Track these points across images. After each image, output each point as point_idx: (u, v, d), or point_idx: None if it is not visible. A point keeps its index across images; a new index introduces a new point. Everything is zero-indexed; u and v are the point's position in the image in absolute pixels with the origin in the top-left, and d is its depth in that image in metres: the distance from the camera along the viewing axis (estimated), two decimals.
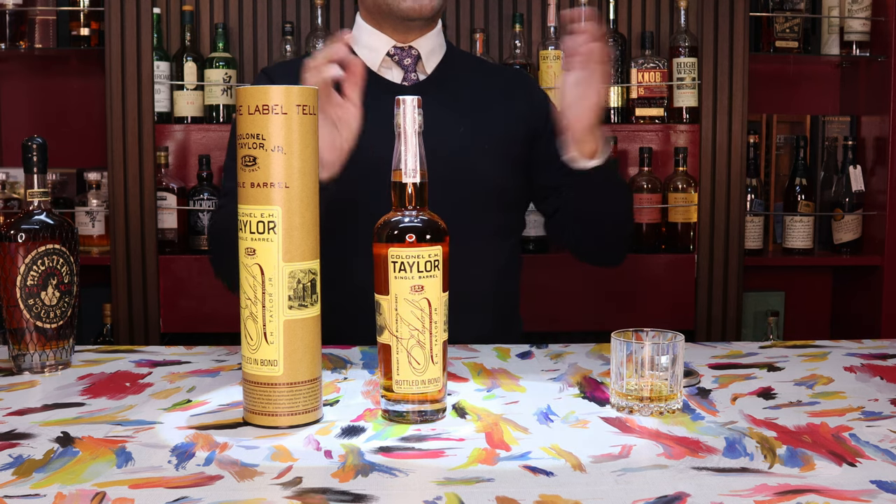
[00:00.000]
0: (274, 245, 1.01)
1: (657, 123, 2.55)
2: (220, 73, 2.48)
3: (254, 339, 1.02)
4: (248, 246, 1.02)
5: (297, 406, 1.03)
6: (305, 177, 1.02)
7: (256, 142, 1.00)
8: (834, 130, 2.66)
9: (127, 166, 2.36)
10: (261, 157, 1.00)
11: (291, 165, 1.01)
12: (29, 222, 1.25)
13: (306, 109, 1.02)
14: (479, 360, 1.35)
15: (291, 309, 1.02)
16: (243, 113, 1.01)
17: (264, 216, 1.00)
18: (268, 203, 1.00)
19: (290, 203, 1.01)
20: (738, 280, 2.45)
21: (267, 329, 1.01)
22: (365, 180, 1.47)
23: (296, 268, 1.02)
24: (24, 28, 2.47)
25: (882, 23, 2.51)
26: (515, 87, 1.63)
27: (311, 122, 1.02)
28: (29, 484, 0.86)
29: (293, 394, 1.02)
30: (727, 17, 2.39)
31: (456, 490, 0.84)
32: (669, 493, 0.83)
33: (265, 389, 1.02)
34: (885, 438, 0.98)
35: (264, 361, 1.02)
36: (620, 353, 1.08)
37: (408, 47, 1.56)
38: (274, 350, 1.02)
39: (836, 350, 1.40)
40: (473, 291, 1.54)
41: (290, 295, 1.01)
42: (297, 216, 1.01)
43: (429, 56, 1.57)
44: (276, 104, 1.00)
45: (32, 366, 1.26)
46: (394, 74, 1.57)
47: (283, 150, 1.00)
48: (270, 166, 1.00)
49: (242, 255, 1.02)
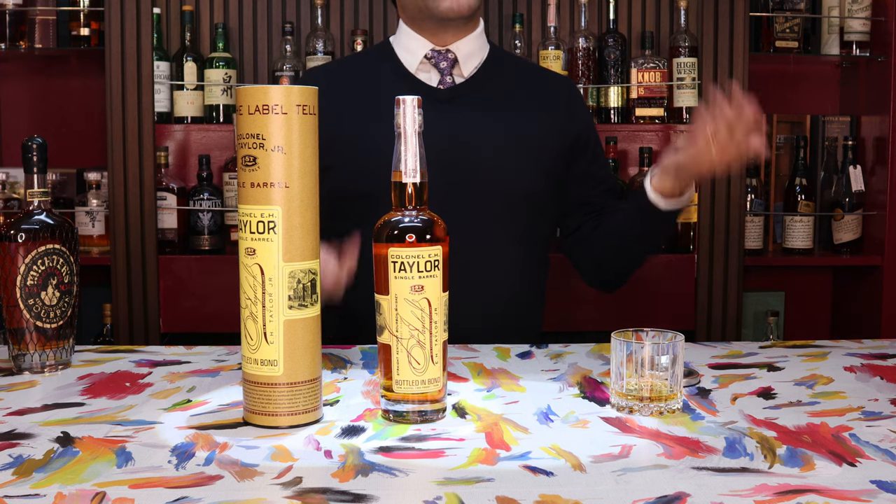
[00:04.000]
0: (274, 245, 1.00)
1: (657, 123, 2.55)
2: (220, 73, 2.48)
3: (254, 339, 1.02)
4: (248, 246, 1.01)
5: (297, 406, 1.02)
6: (305, 177, 1.02)
7: (256, 141, 1.00)
8: (834, 130, 2.66)
9: (127, 166, 2.36)
10: (261, 156, 1.00)
11: (291, 165, 1.00)
12: (29, 222, 1.25)
13: (306, 109, 1.01)
14: (479, 360, 1.35)
15: (291, 309, 1.01)
16: (243, 113, 1.01)
17: (264, 216, 1.00)
18: (268, 203, 1.00)
19: (290, 203, 1.01)
20: (738, 280, 2.45)
21: (267, 329, 1.01)
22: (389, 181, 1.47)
23: (296, 268, 1.01)
24: (24, 28, 2.47)
25: (882, 23, 2.51)
26: (557, 96, 1.61)
27: (311, 122, 1.02)
28: (29, 484, 0.86)
29: (293, 394, 1.02)
30: (727, 17, 2.39)
31: (456, 490, 0.84)
32: (669, 493, 0.83)
33: (265, 389, 1.02)
34: (885, 438, 0.98)
35: (264, 361, 1.02)
36: (620, 353, 1.08)
37: (445, 50, 1.55)
38: (274, 350, 1.01)
39: (836, 350, 1.40)
40: (495, 294, 1.54)
41: (291, 295, 1.01)
42: (297, 216, 1.01)
43: (466, 59, 1.56)
44: (276, 104, 0.99)
45: (32, 366, 1.26)
46: (430, 77, 1.56)
47: (283, 150, 1.00)
48: (270, 166, 1.00)
49: (242, 255, 1.02)
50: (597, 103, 2.55)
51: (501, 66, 1.60)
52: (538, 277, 1.64)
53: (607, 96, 2.54)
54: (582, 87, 2.50)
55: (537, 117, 1.57)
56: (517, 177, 1.53)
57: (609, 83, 2.52)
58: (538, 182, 1.56)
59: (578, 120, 1.61)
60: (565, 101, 1.61)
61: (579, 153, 1.60)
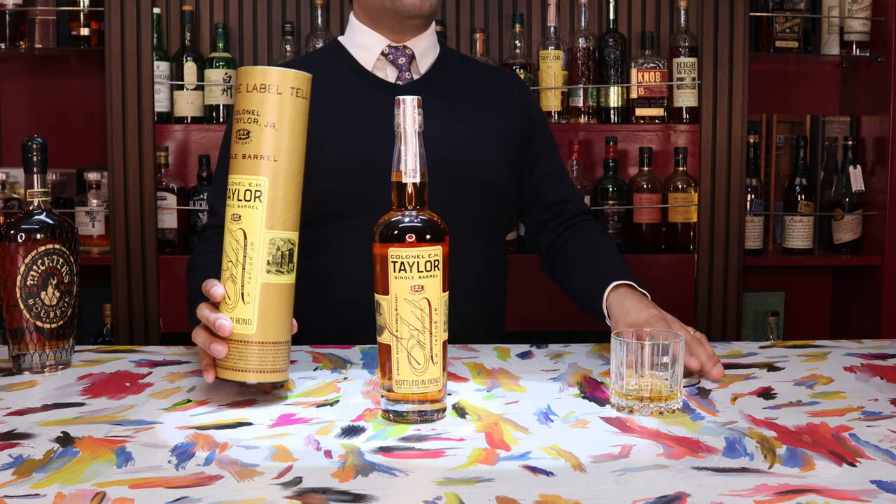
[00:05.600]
0: (258, 212, 1.08)
1: (657, 123, 2.55)
2: (220, 73, 2.48)
3: (231, 299, 1.09)
4: (235, 212, 1.09)
5: (265, 365, 1.09)
6: (293, 154, 1.10)
7: (252, 117, 1.08)
8: (834, 130, 2.66)
9: (127, 166, 2.36)
10: (254, 131, 1.08)
11: (281, 141, 1.08)
12: (29, 222, 1.25)
13: (299, 93, 1.09)
14: (479, 360, 1.35)
15: (269, 273, 1.09)
16: (242, 91, 1.08)
17: (252, 185, 1.08)
18: (256, 173, 1.08)
19: (277, 175, 1.09)
20: (738, 280, 2.45)
21: (245, 290, 1.08)
22: (359, 180, 1.48)
23: (276, 235, 1.09)
24: (24, 28, 2.47)
25: (882, 23, 2.51)
26: (508, 90, 1.64)
27: (302, 105, 1.10)
28: (29, 484, 0.86)
29: (263, 352, 1.09)
30: (727, 17, 2.40)
31: (456, 490, 0.84)
32: (669, 493, 0.83)
33: (238, 346, 1.09)
34: (885, 438, 0.98)
35: (240, 320, 1.09)
36: (620, 353, 1.08)
37: (402, 47, 1.56)
38: (249, 310, 1.09)
39: (836, 350, 1.40)
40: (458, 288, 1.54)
41: (269, 260, 1.09)
42: (281, 188, 1.09)
43: (423, 56, 1.57)
44: (272, 84, 1.08)
45: (32, 366, 1.26)
46: (387, 74, 1.57)
47: (274, 127, 1.08)
48: (262, 140, 1.08)
49: (228, 221, 1.10)
50: (597, 103, 2.55)
51: (454, 64, 1.63)
52: (498, 273, 1.65)
53: (607, 96, 2.54)
54: (582, 87, 2.50)
55: (494, 110, 1.59)
56: (479, 169, 1.54)
57: (609, 83, 2.52)
58: (500, 173, 1.57)
59: (529, 113, 1.63)
60: (517, 95, 1.64)
61: (528, 144, 1.62)
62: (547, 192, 1.63)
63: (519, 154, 1.60)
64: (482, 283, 1.58)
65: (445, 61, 1.61)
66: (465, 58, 1.72)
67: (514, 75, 1.74)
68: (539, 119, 1.66)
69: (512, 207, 1.66)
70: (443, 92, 1.56)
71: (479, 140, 1.55)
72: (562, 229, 1.61)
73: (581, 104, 2.52)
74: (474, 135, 1.55)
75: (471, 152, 1.54)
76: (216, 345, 1.10)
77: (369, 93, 1.54)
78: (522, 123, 1.61)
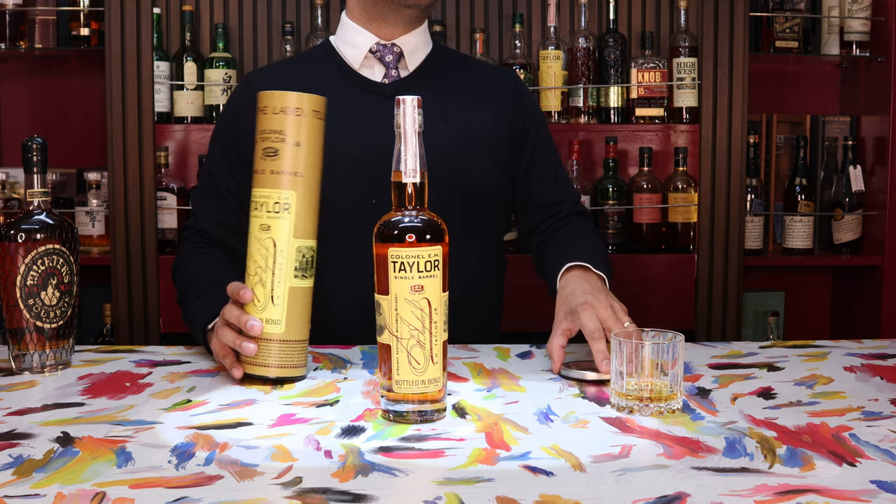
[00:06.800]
0: (287, 223, 1.19)
1: (657, 123, 2.55)
2: (220, 73, 2.48)
3: (261, 301, 1.19)
4: (264, 223, 1.19)
5: (288, 361, 1.20)
6: (314, 169, 1.21)
7: (279, 136, 1.19)
8: (834, 130, 2.66)
9: (127, 166, 2.36)
10: (281, 149, 1.19)
11: (305, 158, 1.20)
12: (29, 222, 1.25)
13: (318, 115, 1.21)
14: (479, 360, 1.35)
15: (296, 278, 1.20)
16: (267, 113, 1.20)
17: (280, 198, 1.19)
18: (285, 187, 1.19)
19: (302, 189, 1.20)
20: (738, 280, 2.45)
21: (274, 293, 1.19)
22: (348, 180, 1.48)
23: (302, 244, 1.20)
24: (24, 28, 2.47)
25: (882, 23, 2.51)
26: (503, 90, 1.62)
27: (320, 126, 1.22)
28: (29, 484, 0.86)
29: (286, 350, 1.20)
30: (727, 17, 2.40)
31: (456, 490, 0.84)
32: (669, 492, 0.83)
33: (264, 344, 1.19)
34: (885, 438, 0.98)
35: (269, 321, 1.19)
36: (620, 353, 1.08)
37: (390, 44, 1.55)
38: (278, 311, 1.19)
39: (836, 350, 1.40)
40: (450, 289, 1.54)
41: (297, 266, 1.19)
42: (305, 200, 1.20)
43: (412, 53, 1.56)
44: (297, 107, 1.19)
45: (32, 366, 1.26)
46: (374, 73, 1.56)
47: (299, 145, 1.19)
48: (289, 157, 1.19)
49: (256, 230, 1.20)
50: (597, 103, 2.55)
51: (445, 62, 1.61)
52: (492, 275, 1.64)
53: (607, 96, 2.54)
54: (582, 87, 2.50)
55: (483, 110, 1.57)
56: (466, 169, 1.53)
57: (609, 83, 2.52)
58: (488, 174, 1.56)
59: (523, 113, 1.61)
60: (511, 95, 1.61)
61: (522, 145, 1.60)
62: (539, 194, 1.61)
63: (510, 154, 1.59)
64: (472, 284, 1.56)
65: (436, 59, 1.59)
66: (458, 56, 1.70)
67: (511, 74, 1.72)
68: (535, 119, 1.64)
69: (506, 208, 1.64)
70: (430, 89, 1.54)
71: (467, 140, 1.53)
72: (552, 231, 1.60)
73: (581, 104, 2.52)
74: (461, 134, 1.53)
75: (457, 152, 1.52)
76: (247, 343, 1.19)
77: (353, 91, 1.53)
78: (515, 123, 1.59)
